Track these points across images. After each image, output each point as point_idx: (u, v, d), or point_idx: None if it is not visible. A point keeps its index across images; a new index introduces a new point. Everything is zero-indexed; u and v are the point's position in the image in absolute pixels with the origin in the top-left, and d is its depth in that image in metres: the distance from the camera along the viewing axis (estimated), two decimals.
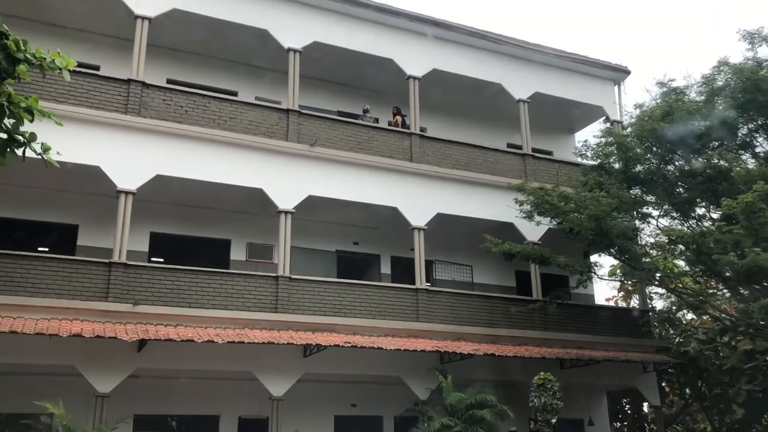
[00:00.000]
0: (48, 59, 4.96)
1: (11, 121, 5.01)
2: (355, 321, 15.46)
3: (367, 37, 17.84)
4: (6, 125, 5.01)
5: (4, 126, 5.01)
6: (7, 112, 4.95)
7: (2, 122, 4.98)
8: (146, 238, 15.69)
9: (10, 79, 4.83)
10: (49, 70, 4.99)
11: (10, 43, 4.71)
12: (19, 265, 13.01)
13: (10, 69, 4.74)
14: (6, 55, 4.69)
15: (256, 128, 15.79)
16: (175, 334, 12.70)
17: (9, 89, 4.94)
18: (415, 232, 17.03)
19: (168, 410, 15.29)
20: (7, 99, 4.92)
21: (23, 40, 4.77)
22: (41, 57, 4.92)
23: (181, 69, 17.05)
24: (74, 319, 12.80)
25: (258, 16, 16.53)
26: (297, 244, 16.13)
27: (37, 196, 14.72)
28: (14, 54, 4.72)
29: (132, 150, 14.39)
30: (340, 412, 16.62)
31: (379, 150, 17.14)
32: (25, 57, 4.81)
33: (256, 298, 14.77)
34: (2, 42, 4.69)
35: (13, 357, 12.34)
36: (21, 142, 5.06)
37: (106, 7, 15.31)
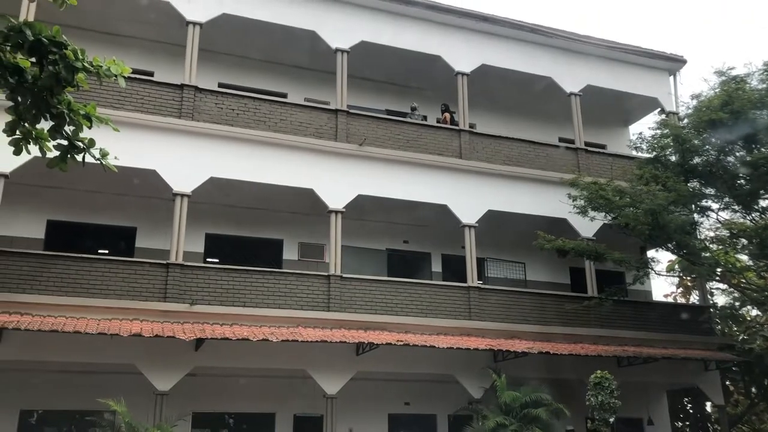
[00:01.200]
0: (104, 67, 5.09)
1: (71, 128, 5.17)
2: (406, 319, 15.46)
3: (414, 34, 17.80)
4: (66, 132, 5.17)
5: (65, 133, 5.17)
6: (68, 120, 5.11)
7: (63, 129, 5.14)
8: (201, 239, 16.03)
9: (70, 87, 4.98)
10: (106, 77, 5.12)
11: (68, 53, 4.86)
12: (82, 268, 13.47)
13: (69, 78, 4.88)
14: (65, 64, 4.83)
15: (305, 129, 15.95)
16: (230, 333, 12.93)
17: (69, 97, 5.10)
18: (466, 230, 16.91)
19: (225, 408, 15.58)
20: (67, 107, 5.08)
21: (81, 49, 4.92)
22: (98, 65, 5.06)
23: (231, 72, 17.34)
24: (134, 319, 13.17)
25: (306, 18, 16.68)
26: (347, 243, 16.22)
27: (97, 200, 15.20)
28: (73, 63, 4.86)
29: (186, 153, 14.71)
30: (394, 411, 16.63)
31: (427, 148, 17.08)
32: (83, 66, 4.95)
33: (308, 297, 14.92)
34: (61, 52, 4.83)
35: (78, 356, 12.79)
36: (81, 148, 5.22)
37: (158, 14, 15.69)
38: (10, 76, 4.90)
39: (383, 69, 18.41)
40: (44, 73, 4.86)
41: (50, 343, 12.27)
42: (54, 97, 4.99)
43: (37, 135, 5.30)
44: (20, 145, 5.32)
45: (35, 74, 4.91)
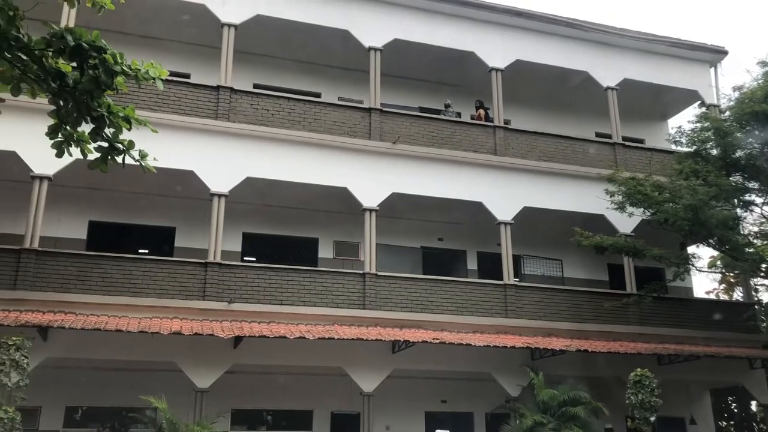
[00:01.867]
0: (142, 70, 5.20)
1: (111, 130, 5.29)
2: (442, 317, 15.43)
3: (447, 31, 17.74)
4: (107, 134, 5.29)
5: (105, 135, 5.29)
6: (108, 122, 5.23)
7: (103, 131, 5.26)
8: (239, 239, 16.23)
9: (109, 90, 5.09)
10: (144, 80, 5.23)
11: (108, 57, 4.96)
12: (124, 267, 13.77)
13: (108, 81, 4.99)
14: (105, 68, 4.94)
15: (339, 128, 16.03)
16: (268, 330, 13.08)
17: (108, 100, 5.22)
18: (502, 227, 16.80)
19: (263, 405, 15.76)
20: (107, 109, 5.20)
21: (120, 53, 5.02)
22: (136, 68, 5.16)
23: (266, 73, 17.52)
24: (174, 317, 13.41)
25: (339, 17, 16.76)
26: (382, 241, 16.26)
27: (137, 201, 15.51)
28: (112, 67, 4.97)
29: (223, 154, 14.91)
30: (431, 408, 16.62)
31: (462, 144, 17.01)
32: (122, 69, 5.05)
33: (344, 294, 14.99)
34: (101, 56, 4.94)
35: (120, 354, 13.07)
36: (121, 150, 5.34)
37: (194, 17, 15.92)
38: (52, 80, 5.04)
39: (416, 66, 18.39)
40: (85, 77, 4.97)
41: (94, 342, 12.58)
42: (94, 100, 5.11)
43: (79, 137, 5.44)
44: (62, 148, 5.46)
45: (76, 78, 5.03)
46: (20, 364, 10.88)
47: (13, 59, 5.01)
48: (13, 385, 10.78)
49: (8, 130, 11.39)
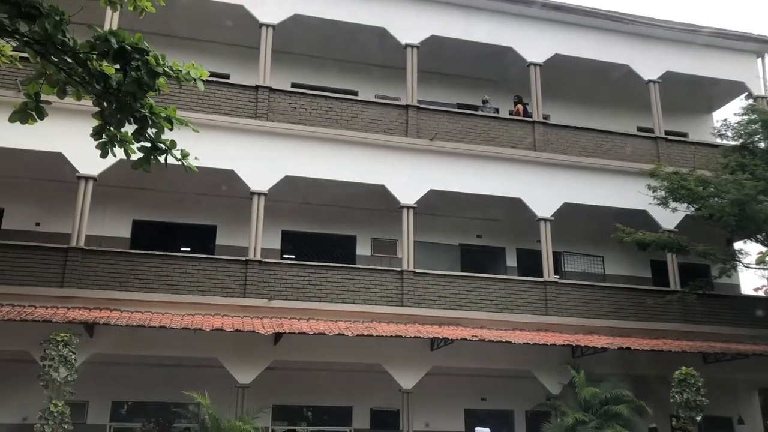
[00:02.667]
0: (183, 71, 5.29)
1: (154, 131, 5.40)
2: (481, 315, 15.34)
3: (485, 26, 17.61)
4: (149, 134, 5.40)
5: (148, 135, 5.40)
6: (150, 123, 5.33)
7: (146, 132, 5.37)
8: (278, 236, 16.39)
9: (152, 91, 5.20)
10: (185, 81, 5.32)
11: (150, 59, 5.06)
12: (167, 265, 14.05)
13: (151, 82, 5.09)
14: (147, 70, 5.04)
15: (376, 126, 16.05)
16: (307, 327, 13.19)
17: (151, 101, 5.32)
18: (541, 223, 16.62)
19: (304, 401, 15.90)
20: (150, 110, 5.30)
21: (162, 54, 5.11)
22: (177, 69, 5.26)
23: (304, 72, 17.64)
24: (216, 314, 13.62)
25: (375, 15, 16.78)
26: (420, 238, 16.24)
27: (179, 200, 15.78)
28: (154, 68, 5.07)
29: (262, 153, 15.08)
30: (470, 406, 16.54)
31: (500, 140, 16.87)
32: (164, 70, 5.15)
33: (382, 292, 15.03)
34: (143, 58, 5.04)
35: (164, 350, 13.34)
36: (163, 150, 5.44)
37: (233, 18, 16.11)
38: (96, 82, 5.16)
39: (454, 63, 18.29)
40: (128, 79, 5.08)
41: (138, 338, 12.85)
42: (137, 101, 5.22)
43: (122, 138, 5.57)
44: (106, 149, 5.59)
45: (119, 80, 5.14)
46: (68, 360, 11.19)
47: (60, 63, 5.14)
48: (61, 380, 11.10)
49: (55, 131, 11.68)
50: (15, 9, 4.85)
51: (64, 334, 11.31)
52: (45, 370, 11.08)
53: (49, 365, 11.08)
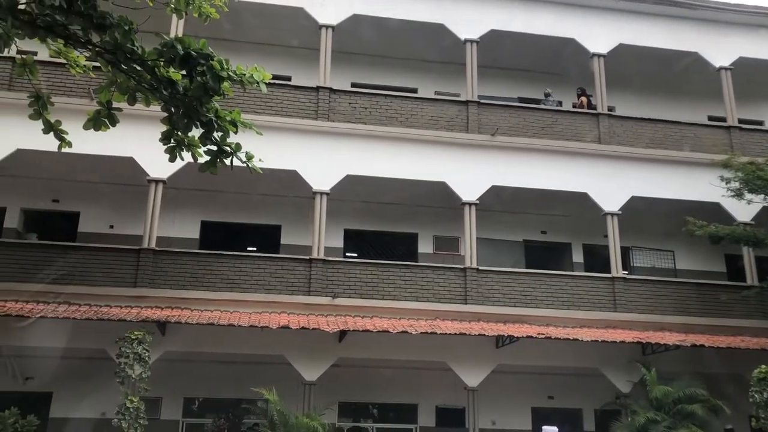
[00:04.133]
0: (247, 75, 5.40)
1: (219, 134, 5.54)
2: (547, 312, 15.10)
3: (546, 18, 17.30)
4: (215, 138, 5.54)
5: (214, 139, 5.54)
6: (216, 126, 5.47)
7: (212, 135, 5.51)
8: (340, 235, 16.56)
9: (217, 96, 5.33)
10: (249, 84, 5.43)
11: (214, 64, 5.19)
12: (234, 265, 14.40)
13: (216, 87, 5.22)
14: (212, 74, 5.17)
15: (436, 122, 16.00)
16: (371, 325, 13.27)
17: (216, 105, 5.46)
18: (608, 218, 16.20)
19: (369, 398, 16.01)
20: (215, 114, 5.44)
21: (225, 59, 5.24)
22: (241, 73, 5.37)
23: (363, 72, 17.74)
24: (281, 312, 13.87)
25: (433, 12, 16.72)
26: (483, 235, 16.10)
27: (245, 200, 16.13)
28: (219, 73, 5.20)
29: (323, 153, 15.25)
30: (537, 404, 16.31)
31: (563, 134, 16.55)
32: (228, 75, 5.27)
33: (445, 289, 14.97)
34: (208, 63, 5.17)
35: (232, 347, 13.68)
36: (228, 152, 5.57)
37: (293, 20, 16.35)
38: (164, 89, 5.33)
39: (514, 56, 18.03)
40: (194, 84, 5.22)
41: (208, 336, 13.23)
42: (203, 105, 5.36)
43: (189, 142, 5.73)
44: (175, 152, 5.77)
45: (186, 86, 5.29)
46: (142, 357, 11.62)
47: (129, 70, 5.33)
48: (136, 376, 11.53)
49: (126, 137, 12.10)
50: (88, 21, 5.05)
51: (138, 333, 11.75)
52: (121, 367, 11.54)
53: (125, 362, 11.53)
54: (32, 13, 5.40)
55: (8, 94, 14.07)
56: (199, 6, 5.97)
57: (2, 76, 14.38)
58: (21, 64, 6.37)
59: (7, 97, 13.98)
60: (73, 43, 5.62)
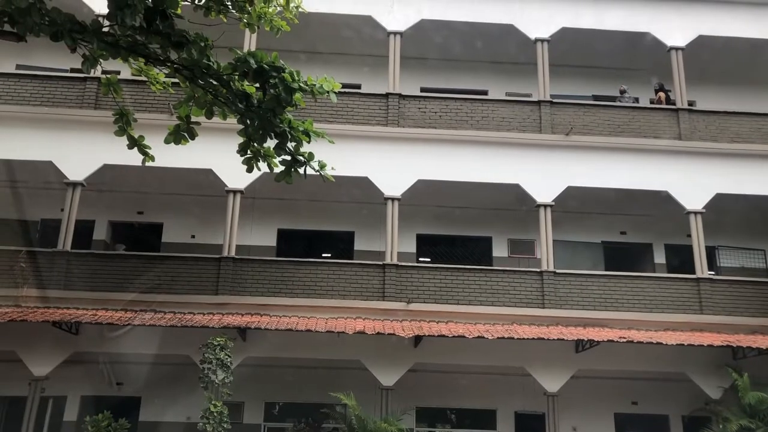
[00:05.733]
0: (317, 85, 5.51)
1: (293, 144, 5.67)
2: (628, 315, 14.61)
3: (618, 13, 16.81)
4: (289, 148, 5.67)
5: (288, 149, 5.67)
6: (289, 137, 5.60)
7: (286, 146, 5.64)
8: (413, 240, 16.58)
9: (289, 107, 5.46)
10: (319, 94, 5.53)
11: (286, 76, 5.32)
12: (310, 271, 14.66)
13: (288, 98, 5.35)
14: (284, 86, 5.30)
15: (508, 124, 15.81)
16: (446, 330, 13.21)
17: (289, 116, 5.59)
18: (691, 217, 15.55)
19: (447, 403, 15.93)
20: (288, 125, 5.57)
21: (297, 71, 5.36)
22: (312, 84, 5.48)
23: (432, 76, 17.72)
24: (357, 317, 14.00)
25: (502, 12, 16.55)
26: (559, 237, 15.78)
27: (318, 208, 16.40)
28: (290, 84, 5.32)
29: (394, 159, 15.33)
30: (621, 410, 15.80)
31: (641, 131, 16.02)
32: (300, 86, 5.39)
33: (521, 293, 14.74)
34: (280, 75, 5.31)
35: (310, 353, 13.92)
36: (302, 162, 5.70)
37: (361, 29, 16.52)
38: (239, 102, 5.50)
39: (586, 53, 17.59)
40: (267, 97, 5.37)
41: (287, 341, 13.51)
42: (276, 117, 5.50)
43: (265, 153, 5.89)
44: (251, 163, 5.94)
45: (260, 98, 5.44)
46: (225, 363, 11.97)
47: (206, 85, 5.53)
48: (219, 381, 11.88)
49: (204, 149, 12.51)
50: (166, 39, 5.28)
51: (220, 339, 12.11)
52: (204, 372, 11.92)
53: (208, 368, 11.90)
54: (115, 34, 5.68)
55: (95, 112, 14.84)
56: (270, 20, 6.13)
57: (89, 95, 15.17)
58: (106, 84, 6.70)
59: (94, 116, 14.75)
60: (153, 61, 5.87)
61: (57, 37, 5.46)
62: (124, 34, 5.48)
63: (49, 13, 5.52)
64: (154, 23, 5.23)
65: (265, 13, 6.58)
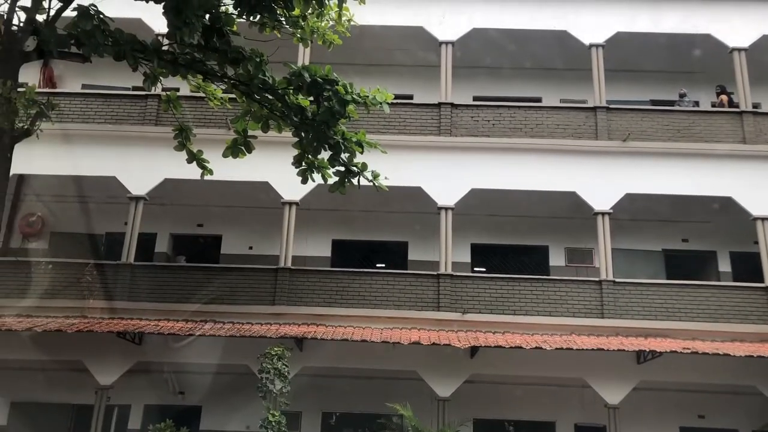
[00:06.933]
0: (370, 96, 5.58)
1: (346, 155, 5.74)
2: (692, 325, 14.14)
3: (675, 15, 16.40)
4: (343, 159, 5.75)
5: (342, 160, 5.75)
6: (343, 148, 5.68)
7: (339, 157, 5.72)
8: (467, 250, 16.48)
9: (343, 119, 5.54)
10: (372, 105, 5.60)
11: (339, 88, 5.41)
12: (365, 281, 14.73)
13: (341, 110, 5.44)
14: (338, 99, 5.39)
15: (563, 131, 15.59)
16: (503, 340, 13.06)
17: (342, 128, 5.67)
18: (758, 223, 14.97)
19: (504, 415, 15.71)
20: (342, 136, 5.65)
21: (350, 83, 5.43)
22: (365, 95, 5.55)
23: (485, 84, 17.64)
24: (412, 327, 13.98)
25: (555, 19, 16.36)
26: (618, 245, 15.44)
27: (372, 218, 16.49)
28: (344, 97, 5.41)
29: (447, 168, 15.29)
30: (686, 423, 15.26)
31: (702, 136, 15.54)
32: (353, 98, 5.47)
33: (580, 303, 14.46)
34: (333, 88, 5.39)
35: (366, 363, 13.96)
36: (355, 172, 5.77)
37: (412, 39, 16.60)
38: (294, 115, 5.61)
39: (643, 57, 17.21)
40: (321, 109, 5.46)
41: (342, 351, 13.59)
42: (330, 129, 5.59)
43: (319, 164, 5.98)
44: (306, 175, 6.05)
45: (314, 111, 5.54)
46: (282, 373, 12.12)
47: (262, 100, 5.66)
48: (277, 391, 12.03)
49: (261, 163, 12.75)
50: (223, 56, 5.44)
51: (277, 349, 12.28)
52: (262, 382, 12.09)
53: (266, 378, 12.07)
54: (174, 52, 5.87)
55: (156, 128, 15.33)
56: (323, 34, 6.24)
57: (150, 112, 15.69)
58: (166, 100, 6.94)
59: (155, 132, 15.24)
60: (211, 78, 6.05)
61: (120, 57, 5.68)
62: (183, 52, 5.67)
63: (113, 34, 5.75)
64: (211, 41, 5.40)
65: (318, 27, 6.71)
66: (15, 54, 7.04)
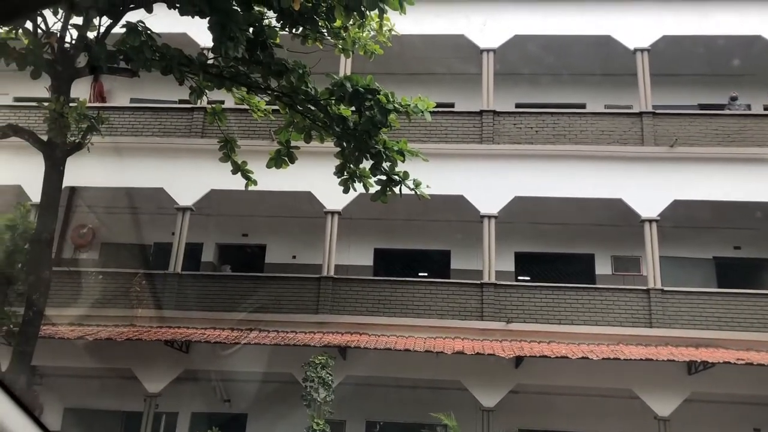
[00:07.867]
0: (411, 105, 5.59)
1: (388, 164, 5.76)
2: (746, 335, 13.70)
3: (723, 17, 16.00)
4: (384, 168, 5.77)
5: (383, 169, 5.77)
6: (384, 157, 5.70)
7: (381, 166, 5.74)
8: (511, 258, 16.30)
9: (384, 128, 5.56)
10: (413, 114, 5.61)
11: (381, 98, 5.44)
12: (407, 290, 14.72)
13: (383, 120, 5.46)
14: (379, 108, 5.41)
15: (608, 137, 15.34)
16: (548, 350, 12.87)
17: (384, 137, 5.69)
18: None
19: (551, 426, 15.42)
20: (383, 145, 5.67)
21: (391, 92, 5.46)
22: (406, 104, 5.57)
23: (527, 91, 17.48)
24: (455, 337, 13.89)
25: (598, 24, 16.14)
26: (666, 253, 15.07)
27: (414, 227, 16.48)
28: (385, 106, 5.43)
29: (489, 176, 15.20)
30: None
31: (754, 140, 15.10)
32: (394, 107, 5.49)
33: (627, 312, 14.16)
34: (375, 98, 5.42)
35: (409, 372, 13.91)
36: (397, 181, 5.78)
37: (454, 47, 16.58)
38: (336, 125, 5.66)
39: (690, 61, 16.82)
40: (363, 119, 5.49)
41: (386, 360, 13.57)
42: (372, 138, 5.61)
43: (361, 173, 6.01)
44: (348, 184, 6.08)
45: (355, 121, 5.58)
46: (326, 381, 12.18)
47: (305, 111, 5.73)
48: (321, 399, 12.09)
49: (303, 173, 12.90)
50: (267, 68, 5.53)
51: (321, 357, 12.35)
52: (307, 390, 12.17)
53: (310, 386, 12.15)
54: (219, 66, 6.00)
55: (202, 140, 15.65)
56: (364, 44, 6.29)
57: (196, 124, 16.02)
58: (211, 113, 7.08)
59: (201, 144, 15.56)
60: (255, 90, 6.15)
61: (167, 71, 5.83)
62: (228, 66, 5.78)
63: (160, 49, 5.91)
64: (255, 54, 5.49)
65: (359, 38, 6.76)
66: (67, 70, 7.30)
